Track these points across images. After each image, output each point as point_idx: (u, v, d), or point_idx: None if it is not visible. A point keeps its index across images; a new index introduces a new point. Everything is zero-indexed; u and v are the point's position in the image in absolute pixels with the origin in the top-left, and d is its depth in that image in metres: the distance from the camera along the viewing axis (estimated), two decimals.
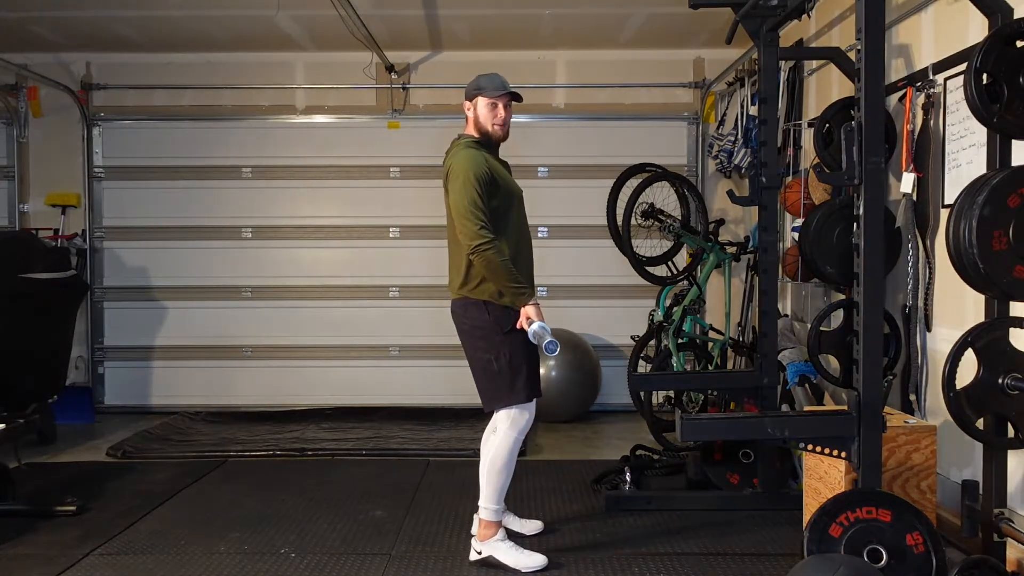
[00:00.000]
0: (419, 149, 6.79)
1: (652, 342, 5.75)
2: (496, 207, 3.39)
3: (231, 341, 6.90)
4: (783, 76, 5.30)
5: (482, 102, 3.52)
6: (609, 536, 3.81)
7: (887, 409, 3.49)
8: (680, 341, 5.50)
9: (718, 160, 6.24)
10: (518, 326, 3.35)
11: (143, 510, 4.21)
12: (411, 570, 3.43)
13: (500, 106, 3.51)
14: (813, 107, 5.21)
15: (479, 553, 3.46)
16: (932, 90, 3.81)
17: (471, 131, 3.56)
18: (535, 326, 3.27)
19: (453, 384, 6.63)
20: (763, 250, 4.22)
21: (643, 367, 5.71)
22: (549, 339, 3.22)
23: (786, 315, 5.40)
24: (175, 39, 6.48)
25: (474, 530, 3.58)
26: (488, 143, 3.54)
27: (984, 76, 2.79)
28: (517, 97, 3.56)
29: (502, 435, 3.44)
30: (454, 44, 6.66)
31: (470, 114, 3.55)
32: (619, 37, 6.46)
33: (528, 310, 3.31)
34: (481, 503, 3.49)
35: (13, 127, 6.79)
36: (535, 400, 3.51)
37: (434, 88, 6.84)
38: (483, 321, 3.42)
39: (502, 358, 3.40)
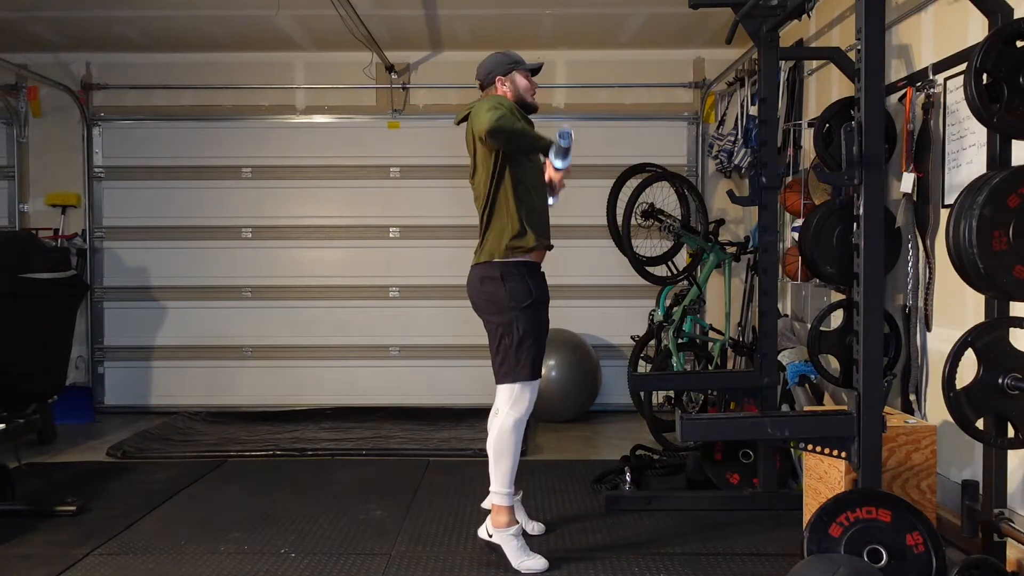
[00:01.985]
0: (419, 149, 6.79)
1: (652, 342, 5.75)
2: (522, 170, 3.46)
3: (231, 341, 6.90)
4: (783, 76, 5.30)
5: (521, 75, 3.63)
6: (609, 536, 3.81)
7: (887, 409, 3.49)
8: (680, 341, 5.50)
9: (718, 160, 6.24)
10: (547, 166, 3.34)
11: (143, 510, 4.21)
12: (411, 570, 3.43)
13: (532, 77, 3.67)
14: (813, 107, 5.21)
15: (490, 535, 3.49)
16: (932, 90, 3.81)
17: None
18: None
19: (453, 384, 6.64)
20: (763, 250, 4.22)
21: (643, 367, 5.71)
22: (564, 130, 3.20)
23: (786, 315, 5.40)
24: (175, 39, 6.48)
25: (487, 505, 3.61)
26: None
27: (984, 76, 2.79)
28: (538, 70, 3.71)
29: (503, 416, 3.46)
30: (454, 44, 6.66)
31: (504, 88, 3.61)
32: (619, 37, 6.46)
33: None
34: (492, 487, 3.50)
35: (13, 127, 6.79)
36: (537, 384, 3.51)
37: (434, 88, 6.84)
38: (498, 296, 3.45)
39: (515, 333, 3.42)
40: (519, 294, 3.44)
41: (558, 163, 3.28)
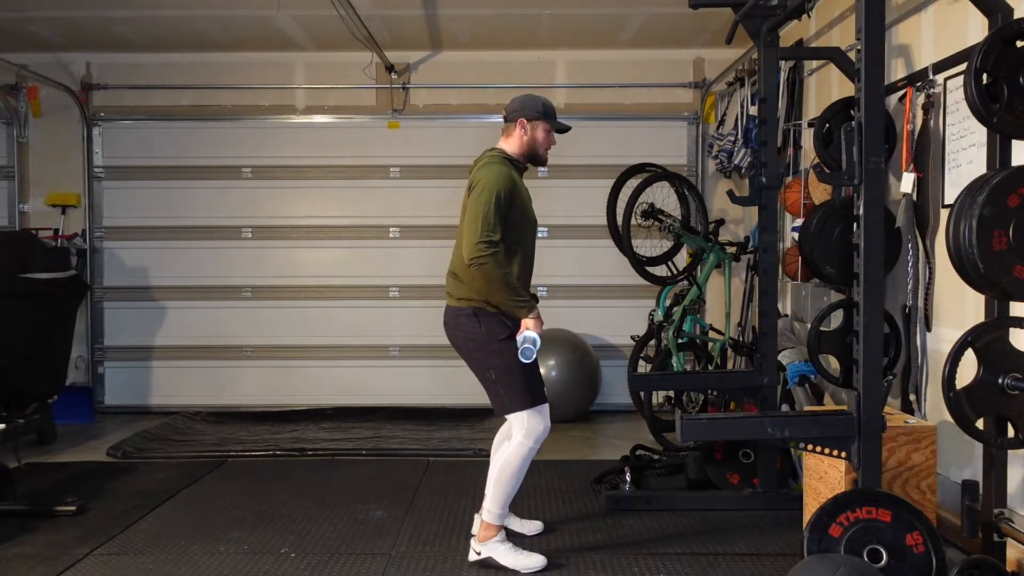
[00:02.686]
0: (419, 149, 6.79)
1: (652, 342, 5.75)
2: (510, 228, 3.36)
3: (231, 341, 6.90)
4: (783, 76, 5.30)
5: (543, 127, 3.53)
6: (609, 536, 3.81)
7: (887, 409, 3.49)
8: (680, 341, 5.50)
9: (718, 160, 6.24)
10: (518, 336, 3.34)
11: (143, 510, 4.21)
12: (411, 570, 3.43)
13: (552, 133, 3.56)
14: (813, 107, 5.21)
15: (478, 554, 3.46)
16: (932, 90, 3.81)
17: (510, 147, 3.54)
18: (528, 333, 3.28)
19: (453, 384, 6.63)
20: (763, 250, 4.22)
21: (643, 367, 5.71)
22: (527, 345, 3.25)
23: (786, 315, 5.40)
24: (175, 39, 6.48)
25: (475, 530, 3.58)
26: (519, 164, 3.54)
27: (984, 76, 2.79)
28: (565, 131, 3.62)
29: (516, 443, 3.43)
30: (454, 44, 6.66)
31: (522, 132, 3.51)
32: (619, 37, 6.46)
33: (528, 322, 3.31)
34: (486, 505, 3.48)
35: (13, 127, 6.79)
36: (546, 408, 3.47)
37: (434, 88, 6.85)
38: (475, 332, 3.42)
39: (498, 368, 3.40)
40: (495, 328, 3.39)
41: (521, 359, 3.32)
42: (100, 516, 4.12)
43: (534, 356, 3.28)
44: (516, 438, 3.43)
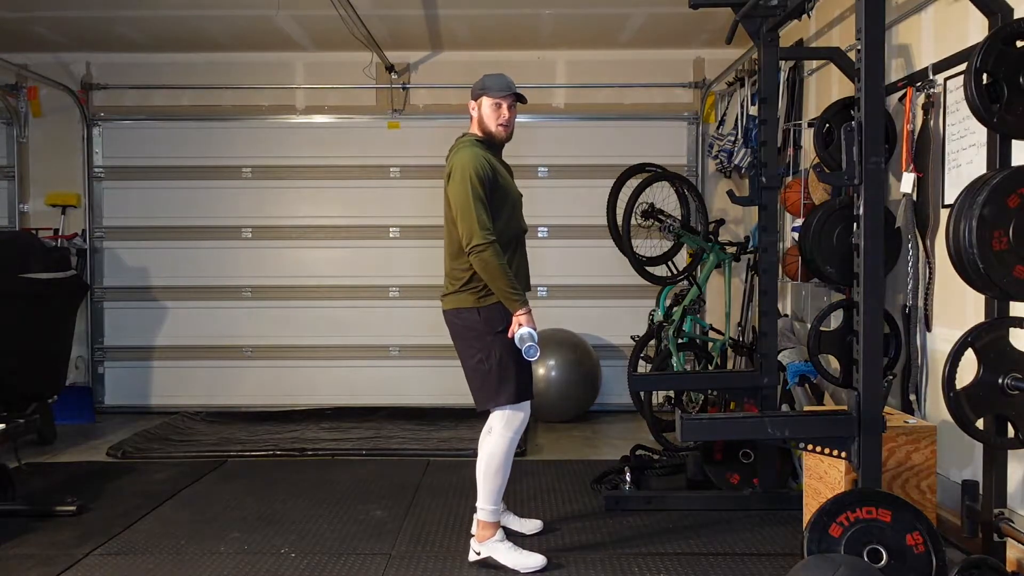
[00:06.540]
0: (419, 149, 6.79)
1: (652, 342, 5.75)
2: (493, 207, 3.39)
3: (231, 341, 6.90)
4: (783, 76, 5.30)
5: (487, 102, 3.53)
6: (609, 536, 3.81)
7: (887, 409, 3.49)
8: (680, 341, 5.50)
9: (718, 160, 6.24)
10: (509, 334, 3.35)
11: (143, 510, 4.21)
12: (411, 570, 3.43)
13: (504, 106, 3.52)
14: (813, 107, 5.21)
15: (478, 554, 3.46)
16: (932, 90, 3.81)
17: (475, 130, 3.58)
18: (523, 330, 3.31)
19: (453, 384, 6.59)
20: (763, 250, 4.22)
21: (643, 367, 5.71)
22: (529, 344, 3.27)
23: (786, 315, 5.40)
24: (175, 39, 6.49)
25: (474, 530, 3.58)
26: (491, 143, 3.55)
27: (984, 76, 2.79)
28: (522, 98, 3.57)
29: (497, 436, 3.44)
30: (454, 44, 6.66)
31: (475, 114, 3.57)
32: (619, 37, 6.46)
33: (520, 317, 3.32)
34: (479, 504, 3.49)
35: (13, 127, 6.80)
36: (529, 401, 3.52)
37: (434, 88, 6.85)
38: (474, 322, 3.44)
39: (492, 358, 3.41)
40: (494, 319, 3.41)
41: (516, 342, 3.34)
42: (100, 516, 4.12)
43: (538, 351, 3.30)
44: (496, 430, 3.45)
